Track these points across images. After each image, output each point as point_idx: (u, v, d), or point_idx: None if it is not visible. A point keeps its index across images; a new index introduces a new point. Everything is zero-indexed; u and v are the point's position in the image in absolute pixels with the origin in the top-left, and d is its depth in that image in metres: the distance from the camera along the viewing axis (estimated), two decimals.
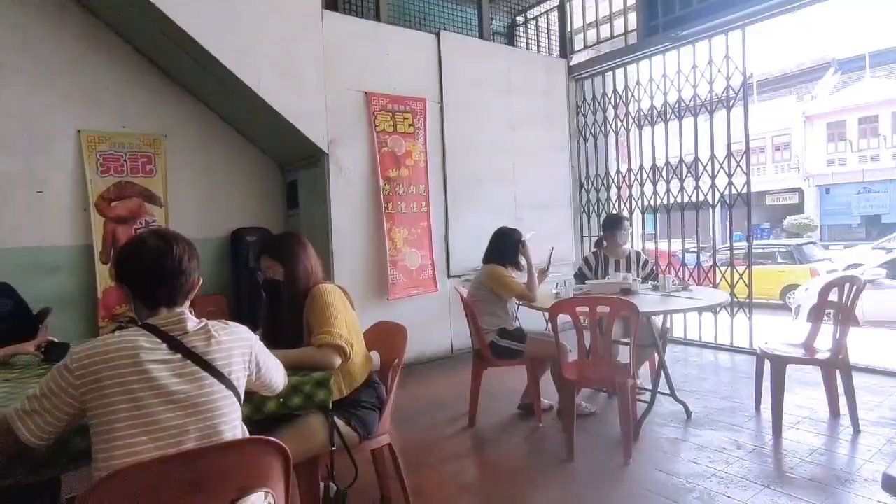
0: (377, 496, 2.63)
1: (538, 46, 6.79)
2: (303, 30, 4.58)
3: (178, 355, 1.31)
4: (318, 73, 4.65)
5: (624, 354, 3.69)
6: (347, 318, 2.10)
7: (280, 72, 4.42)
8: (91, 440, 1.26)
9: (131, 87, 4.76)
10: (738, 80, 5.07)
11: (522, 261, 3.66)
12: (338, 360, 1.99)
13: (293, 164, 5.28)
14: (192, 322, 1.37)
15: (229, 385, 1.37)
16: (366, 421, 2.16)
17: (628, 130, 6.13)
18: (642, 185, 6.00)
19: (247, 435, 1.43)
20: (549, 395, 3.71)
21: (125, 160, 4.76)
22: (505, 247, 3.57)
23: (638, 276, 4.02)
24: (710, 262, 5.52)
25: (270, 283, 2.18)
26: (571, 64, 6.65)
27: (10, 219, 4.31)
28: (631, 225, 4.39)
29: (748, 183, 5.06)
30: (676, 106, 5.57)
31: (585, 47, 6.74)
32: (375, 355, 2.44)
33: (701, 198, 5.46)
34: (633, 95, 6.03)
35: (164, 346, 1.31)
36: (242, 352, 1.43)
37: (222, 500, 1.17)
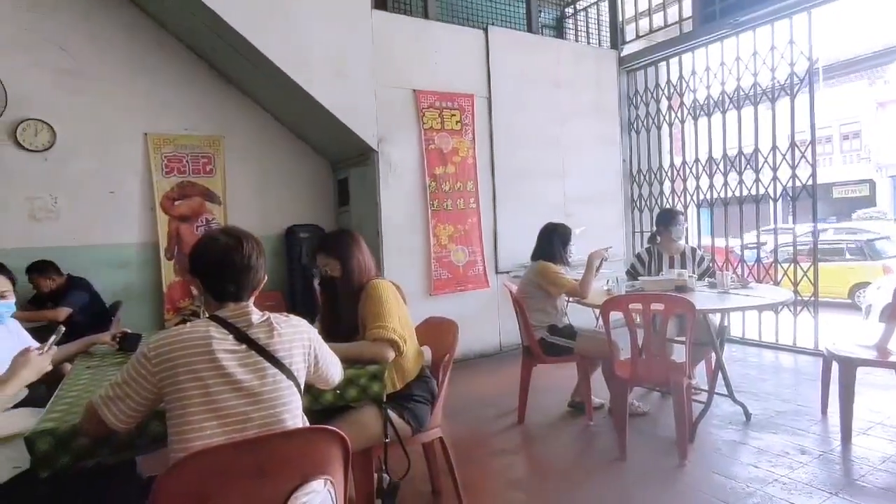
0: (428, 489, 2.67)
1: (588, 38, 6.66)
2: (353, 30, 4.67)
3: (243, 346, 1.38)
4: (367, 71, 4.73)
5: (679, 353, 3.60)
6: (400, 314, 2.15)
7: (331, 71, 4.53)
8: (167, 424, 1.34)
9: (193, 91, 4.99)
10: (803, 66, 4.81)
11: (572, 256, 3.62)
12: (391, 354, 2.03)
13: (344, 162, 5.40)
14: (257, 315, 1.44)
15: (290, 376, 1.43)
16: (418, 414, 2.20)
17: (682, 122, 5.93)
18: (697, 178, 5.79)
19: (307, 424, 1.49)
20: (599, 393, 3.66)
21: (187, 161, 5.00)
22: (554, 243, 3.54)
23: (694, 272, 3.89)
24: (771, 259, 5.28)
25: (327, 279, 2.25)
26: (622, 55, 6.49)
27: (86, 217, 4.61)
28: (686, 220, 4.24)
29: (814, 174, 4.80)
30: (735, 95, 5.34)
31: (637, 37, 6.55)
32: (427, 350, 2.48)
33: (761, 191, 5.22)
34: (687, 85, 5.82)
35: (231, 337, 1.38)
36: (302, 344, 1.49)
37: (286, 485, 1.23)
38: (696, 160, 5.79)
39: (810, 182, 4.81)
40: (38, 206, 4.46)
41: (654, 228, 4.15)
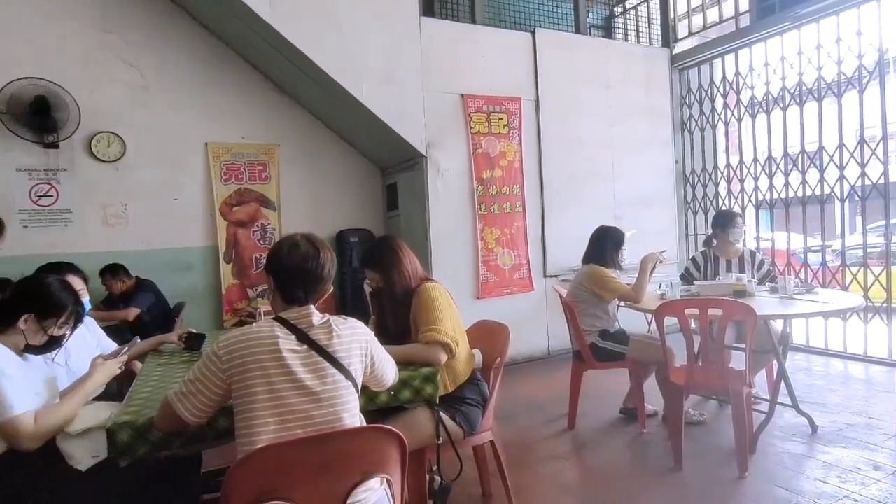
0: (478, 492, 2.68)
1: (638, 37, 6.52)
2: (402, 37, 4.76)
3: (305, 346, 1.44)
4: (416, 78, 4.80)
5: (737, 361, 3.46)
6: (452, 317, 2.17)
7: (381, 79, 4.62)
8: (235, 419, 1.41)
9: (250, 101, 5.20)
10: (872, 58, 4.55)
11: (624, 260, 3.56)
12: (444, 357, 2.06)
13: (393, 167, 5.50)
14: (317, 317, 1.50)
15: (349, 376, 1.48)
16: (470, 417, 2.21)
17: (739, 120, 5.71)
18: (756, 178, 5.56)
19: (364, 424, 1.53)
20: (652, 399, 3.57)
21: (244, 168, 5.21)
22: (606, 246, 3.48)
23: (753, 277, 3.74)
24: (837, 262, 5.00)
25: (375, 290, 2.31)
26: (675, 53, 6.32)
27: (153, 223, 4.88)
28: (744, 222, 4.08)
29: (885, 172, 4.52)
30: (796, 90, 5.10)
31: (690, 34, 6.37)
32: (477, 353, 2.49)
33: (826, 191, 4.96)
34: (744, 82, 5.61)
35: (293, 337, 1.44)
36: (360, 345, 1.54)
37: (347, 482, 1.27)
38: (755, 160, 5.57)
39: (881, 180, 4.54)
40: (110, 213, 4.76)
41: (710, 231, 4.02)
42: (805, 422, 3.27)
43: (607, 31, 6.67)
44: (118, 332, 3.56)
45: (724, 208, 5.79)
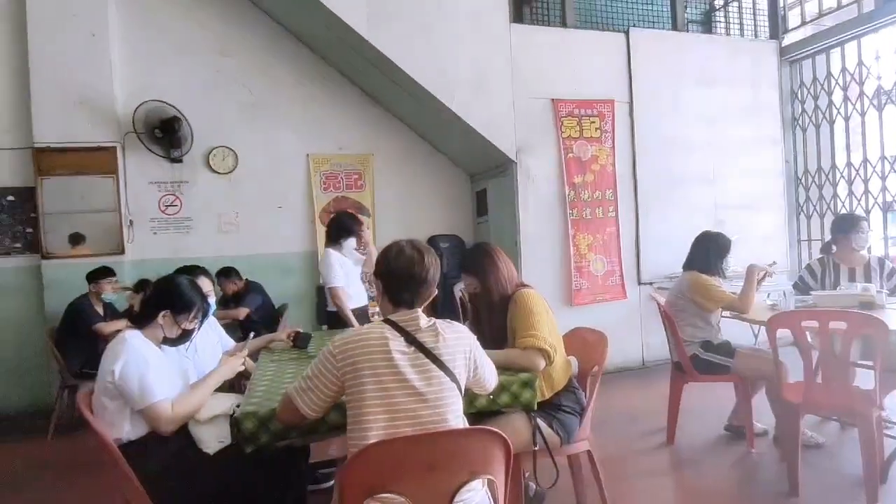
0: (573, 502, 2.63)
1: (742, 30, 6.12)
2: (492, 45, 4.81)
3: (412, 348, 1.50)
4: (506, 84, 4.83)
5: (862, 379, 3.14)
6: (549, 323, 2.16)
7: (472, 87, 4.70)
8: (347, 415, 1.50)
9: (347, 114, 5.48)
10: None
11: (728, 268, 3.35)
12: (542, 363, 2.05)
13: (482, 173, 5.55)
14: (424, 320, 1.56)
15: (453, 379, 1.53)
16: (566, 425, 2.19)
17: (862, 114, 5.18)
18: (884, 178, 5.01)
19: (468, 426, 1.57)
20: (762, 417, 3.32)
21: (341, 177, 5.50)
22: (709, 253, 3.30)
23: (882, 287, 3.38)
24: None
25: (472, 296, 2.35)
26: (784, 45, 5.87)
27: (260, 230, 5.27)
28: (870, 227, 3.69)
29: None
30: None
31: (803, 23, 5.89)
32: (574, 360, 2.46)
33: None
34: (868, 72, 5.09)
35: (402, 339, 1.51)
36: (465, 349, 1.58)
37: (454, 480, 1.31)
38: (882, 157, 5.03)
39: None
40: (223, 221, 5.20)
41: (829, 236, 3.68)
42: None
43: (707, 25, 6.31)
44: (230, 330, 3.88)
45: (844, 212, 5.28)
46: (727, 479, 2.90)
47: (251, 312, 4.60)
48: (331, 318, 3.89)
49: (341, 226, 3.82)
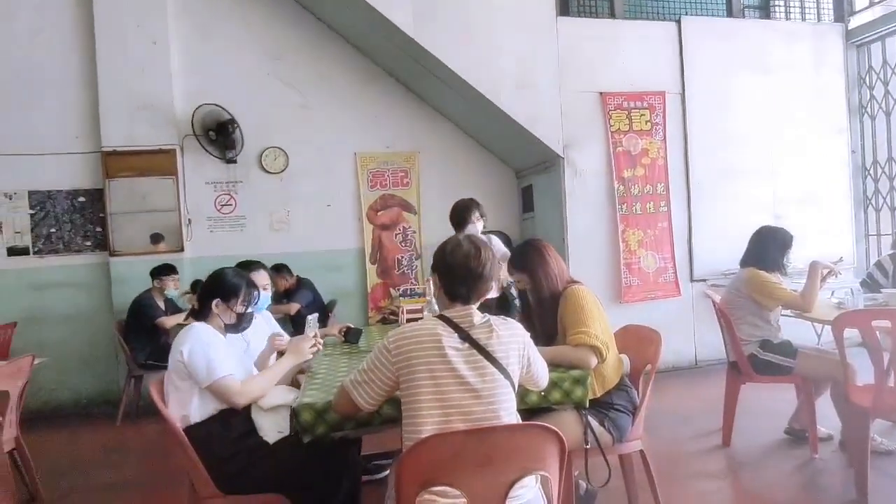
0: (623, 502, 2.58)
1: (803, 14, 5.82)
2: (538, 40, 4.76)
3: (466, 345, 1.52)
4: (553, 79, 4.77)
5: None
6: (601, 320, 2.13)
7: (518, 83, 4.67)
8: (402, 409, 1.53)
9: (393, 112, 5.54)
10: None
11: (789, 265, 3.20)
12: (594, 360, 2.03)
13: (528, 169, 5.51)
14: (478, 317, 1.57)
15: (507, 375, 1.53)
16: (619, 423, 2.15)
17: None
18: None
19: (520, 422, 1.57)
20: (825, 421, 3.17)
21: (388, 175, 5.57)
22: (769, 248, 3.16)
23: None
24: None
25: (521, 292, 2.34)
26: (850, 27, 5.54)
27: (310, 227, 5.41)
28: None
29: None
30: None
31: (871, 4, 5.54)
32: (625, 358, 2.41)
33: None
34: None
35: (456, 335, 1.52)
36: (518, 346, 1.58)
37: (507, 476, 1.32)
38: None
39: None
40: (275, 219, 5.37)
41: None
42: None
43: (765, 11, 6.04)
44: (281, 324, 3.99)
45: None
46: (788, 485, 2.78)
47: (302, 308, 4.73)
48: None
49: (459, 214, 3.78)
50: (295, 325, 4.52)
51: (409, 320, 3.15)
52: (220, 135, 5.01)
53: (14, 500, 2.63)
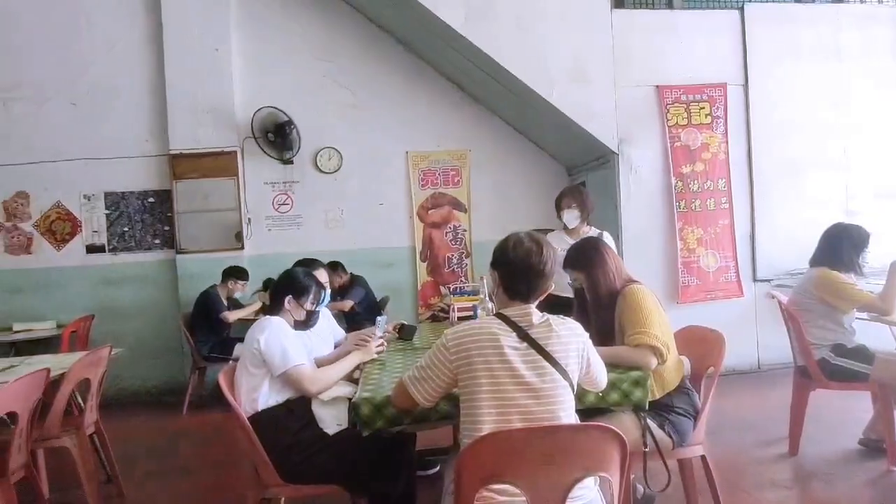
0: None
1: None
2: (592, 33, 4.67)
3: (525, 344, 1.51)
4: (607, 73, 4.67)
5: None
6: (661, 321, 2.07)
7: (571, 78, 4.59)
8: (460, 406, 1.55)
9: (444, 111, 5.58)
10: None
11: (865, 264, 3.01)
12: (654, 362, 1.97)
13: (581, 166, 5.41)
14: (537, 316, 1.56)
15: (566, 375, 1.51)
16: (679, 427, 2.09)
17: None
18: None
19: (579, 423, 1.55)
20: None
21: (439, 174, 5.61)
22: (843, 247, 2.98)
23: None
24: None
25: (578, 291, 2.31)
26: None
27: (362, 225, 5.52)
28: None
29: None
30: None
31: None
32: (686, 360, 2.34)
33: None
34: None
35: (514, 334, 1.51)
36: (577, 346, 1.56)
37: (569, 476, 1.30)
38: None
39: None
40: (330, 217, 5.51)
41: None
42: None
43: None
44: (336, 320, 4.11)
45: None
46: (862, 499, 2.63)
47: (355, 305, 4.84)
48: None
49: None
50: (348, 321, 4.62)
51: (459, 318, 3.18)
52: (278, 136, 5.18)
53: (95, 479, 2.82)
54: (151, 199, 5.33)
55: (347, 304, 4.82)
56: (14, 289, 5.18)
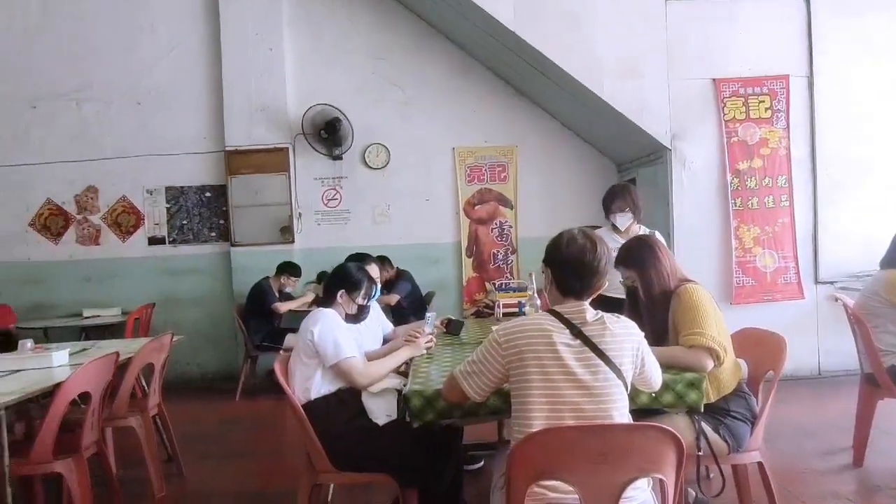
0: None
1: None
2: (645, 27, 4.54)
3: (578, 341, 1.49)
4: (660, 67, 4.54)
5: None
6: (717, 322, 2.01)
7: (622, 72, 4.49)
8: (511, 402, 1.55)
9: (491, 107, 5.57)
10: None
11: None
12: (710, 363, 1.92)
13: (631, 161, 5.29)
14: (591, 313, 1.54)
15: (619, 374, 1.49)
16: (736, 431, 2.02)
17: None
18: None
19: (633, 422, 1.53)
20: None
21: (485, 170, 5.61)
22: None
23: None
24: None
25: (630, 289, 2.27)
26: None
27: (409, 221, 5.59)
28: None
29: None
30: None
31: None
32: (743, 363, 2.26)
33: None
34: None
35: (567, 331, 1.50)
36: (632, 345, 1.54)
37: (622, 476, 1.29)
38: None
39: None
40: (377, 213, 5.60)
41: None
42: None
43: None
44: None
45: None
46: None
47: (401, 299, 4.90)
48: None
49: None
50: (394, 315, 4.69)
51: (504, 314, 3.18)
52: (329, 132, 5.29)
53: (157, 459, 2.98)
54: (208, 194, 5.56)
55: (393, 298, 4.88)
56: (84, 277, 5.52)
